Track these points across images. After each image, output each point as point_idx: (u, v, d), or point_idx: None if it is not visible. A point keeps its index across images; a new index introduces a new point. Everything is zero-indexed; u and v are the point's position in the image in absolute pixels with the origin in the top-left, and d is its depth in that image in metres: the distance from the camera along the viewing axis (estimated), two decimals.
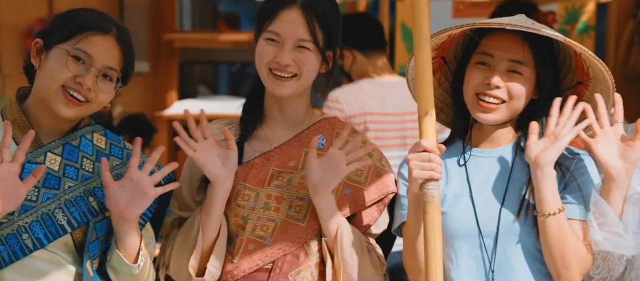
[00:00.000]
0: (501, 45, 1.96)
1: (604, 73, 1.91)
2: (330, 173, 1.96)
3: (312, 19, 2.00)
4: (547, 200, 1.87)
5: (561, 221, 1.87)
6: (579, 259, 1.88)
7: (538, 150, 1.87)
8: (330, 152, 1.97)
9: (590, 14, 4.23)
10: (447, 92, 2.11)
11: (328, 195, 1.99)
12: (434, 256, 1.85)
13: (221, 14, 6.04)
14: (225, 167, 2.00)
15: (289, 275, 2.03)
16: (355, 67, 3.63)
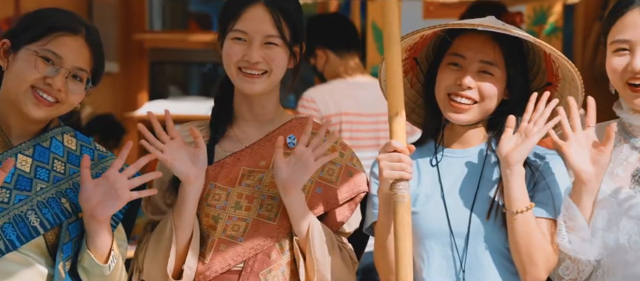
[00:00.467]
0: (472, 46, 1.98)
1: (572, 73, 1.94)
2: (299, 171, 1.97)
3: (277, 14, 2.01)
4: (516, 198, 1.89)
5: (528, 219, 1.90)
6: (545, 256, 1.91)
7: (509, 148, 1.90)
8: (297, 150, 1.98)
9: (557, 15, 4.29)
10: (419, 93, 2.13)
11: (298, 193, 2.00)
12: (404, 255, 1.87)
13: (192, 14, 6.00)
14: (195, 166, 2.00)
15: (260, 274, 2.03)
16: (328, 67, 3.64)
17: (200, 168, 2.01)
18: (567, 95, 2.02)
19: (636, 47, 1.90)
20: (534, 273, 1.91)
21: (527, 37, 1.94)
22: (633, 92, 1.92)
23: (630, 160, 1.95)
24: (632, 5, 1.92)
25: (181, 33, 5.37)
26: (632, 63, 1.90)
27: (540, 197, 1.96)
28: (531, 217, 1.90)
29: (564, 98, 2.03)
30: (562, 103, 2.03)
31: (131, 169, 1.94)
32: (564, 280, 1.95)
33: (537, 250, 1.90)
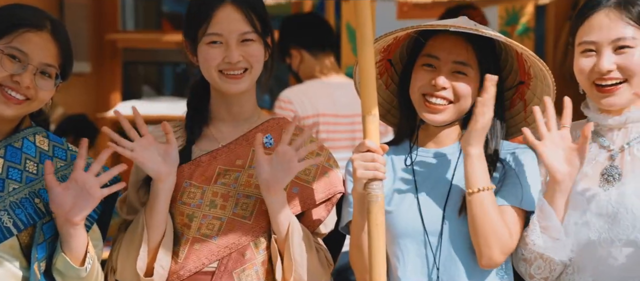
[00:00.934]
0: (445, 46, 2.00)
1: (544, 72, 1.97)
2: (282, 171, 1.97)
3: (247, 10, 2.01)
4: (470, 179, 1.91)
5: (483, 200, 1.91)
6: (499, 239, 1.92)
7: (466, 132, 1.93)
8: (280, 149, 1.98)
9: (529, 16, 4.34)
10: (394, 94, 2.14)
11: (281, 192, 2.00)
12: (378, 254, 1.88)
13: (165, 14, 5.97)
14: (165, 163, 1.99)
15: (233, 273, 2.03)
16: (303, 67, 3.64)
17: (171, 166, 2.00)
18: (540, 93, 2.04)
19: (603, 48, 1.93)
20: (488, 254, 1.92)
21: (499, 37, 1.96)
22: (600, 92, 1.95)
23: (599, 159, 1.98)
24: (598, 7, 1.94)
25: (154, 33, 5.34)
26: (598, 64, 1.93)
27: (507, 188, 1.98)
28: (488, 199, 1.91)
29: (537, 97, 2.06)
30: (535, 102, 2.06)
31: (96, 166, 1.92)
32: (535, 279, 1.97)
33: (491, 232, 1.91)
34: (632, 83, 1.93)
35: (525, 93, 2.07)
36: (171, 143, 2.00)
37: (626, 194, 1.91)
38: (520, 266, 1.99)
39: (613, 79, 1.93)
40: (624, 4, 1.93)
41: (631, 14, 1.92)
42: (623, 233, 1.91)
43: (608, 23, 1.92)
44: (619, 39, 1.92)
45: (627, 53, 1.92)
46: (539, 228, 1.91)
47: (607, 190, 1.94)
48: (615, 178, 1.94)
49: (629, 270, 1.92)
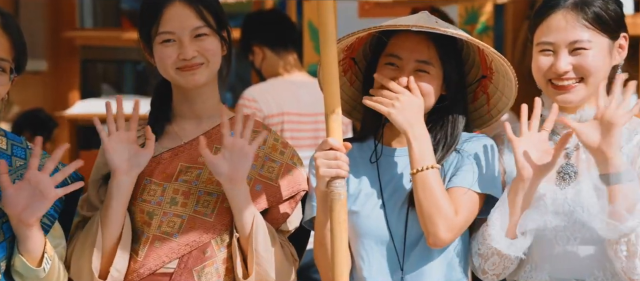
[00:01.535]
0: (407, 46, 2.01)
1: (505, 67, 2.00)
2: (239, 159, 1.96)
3: (197, 5, 2.00)
4: (413, 158, 1.93)
5: (426, 178, 1.92)
6: (443, 216, 1.92)
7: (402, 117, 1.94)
8: (226, 142, 1.96)
9: (488, 14, 4.40)
10: (359, 91, 2.14)
11: (244, 184, 1.98)
12: (340, 252, 1.88)
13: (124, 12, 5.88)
14: (129, 162, 1.98)
15: (193, 270, 2.01)
16: (265, 64, 3.63)
17: (133, 167, 1.98)
18: (502, 87, 2.07)
19: (560, 49, 1.96)
20: (434, 231, 1.93)
21: (461, 35, 1.98)
22: (555, 89, 1.99)
23: None
24: (556, 8, 1.97)
25: (113, 31, 5.26)
26: (555, 65, 1.96)
27: (459, 172, 1.99)
28: (431, 178, 1.92)
29: (500, 91, 2.08)
30: (498, 95, 2.09)
31: (50, 165, 1.88)
32: (488, 275, 1.99)
33: (435, 210, 1.91)
34: (588, 83, 1.97)
35: (488, 87, 2.10)
36: (147, 149, 1.99)
37: (582, 192, 1.94)
38: (475, 261, 2.01)
39: (569, 79, 1.97)
40: (580, 5, 1.96)
41: (587, 16, 1.95)
42: (579, 231, 1.94)
43: (565, 25, 1.95)
44: (575, 41, 1.95)
45: (582, 54, 1.95)
46: (499, 224, 1.93)
47: (563, 189, 1.97)
48: (571, 177, 1.98)
49: (585, 267, 1.96)
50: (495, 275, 2.00)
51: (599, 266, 1.95)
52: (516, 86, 2.02)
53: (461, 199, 1.96)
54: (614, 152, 1.86)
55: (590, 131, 1.87)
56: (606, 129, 1.86)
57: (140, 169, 2.00)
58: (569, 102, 1.98)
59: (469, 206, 1.97)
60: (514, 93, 2.04)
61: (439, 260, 2.00)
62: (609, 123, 1.85)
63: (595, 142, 1.87)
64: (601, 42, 1.97)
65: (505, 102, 2.08)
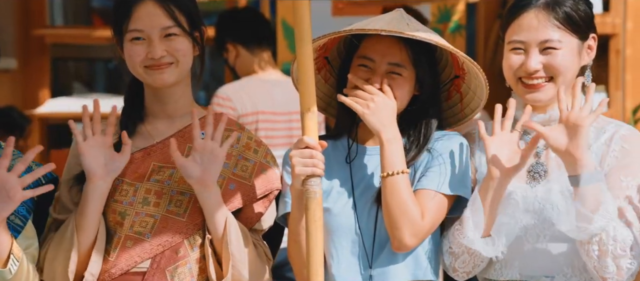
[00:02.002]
0: (379, 48, 2.01)
1: (475, 70, 2.02)
2: (210, 161, 1.95)
3: (168, 4, 1.99)
4: (383, 164, 1.94)
5: (395, 183, 1.93)
6: (409, 221, 1.93)
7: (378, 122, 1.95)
8: (197, 145, 1.96)
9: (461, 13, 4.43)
10: (334, 88, 2.14)
11: (215, 186, 1.98)
12: (315, 250, 1.88)
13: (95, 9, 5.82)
14: (105, 167, 1.96)
15: (166, 270, 2.00)
16: (239, 62, 3.61)
17: (108, 173, 1.97)
18: (474, 88, 2.09)
19: (531, 48, 1.98)
20: (399, 236, 1.94)
21: (430, 40, 1.99)
22: (525, 88, 2.00)
23: None
24: (528, 7, 1.99)
25: (84, 28, 5.21)
26: (526, 64, 1.98)
27: (428, 173, 2.00)
28: (400, 183, 1.93)
29: (472, 91, 2.10)
30: (470, 95, 2.10)
31: (20, 166, 1.86)
32: (459, 272, 2.01)
33: (401, 214, 1.93)
34: (557, 82, 1.99)
35: (461, 86, 2.11)
36: (123, 154, 1.98)
37: (552, 190, 1.96)
38: (446, 259, 2.02)
39: (539, 78, 1.99)
40: (552, 5, 1.98)
41: (558, 16, 1.97)
42: (548, 229, 1.96)
43: (536, 24, 1.97)
44: (546, 41, 1.97)
45: (552, 54, 1.97)
46: (472, 222, 1.95)
47: (533, 187, 1.99)
48: (541, 175, 2.00)
49: (554, 264, 1.98)
50: (465, 273, 2.01)
51: (568, 263, 1.98)
52: (487, 88, 2.04)
53: (428, 202, 1.98)
54: (581, 154, 1.88)
55: (557, 135, 1.89)
56: (573, 132, 1.88)
57: (117, 174, 1.99)
58: (538, 100, 2.00)
59: (436, 209, 1.98)
60: (485, 94, 2.06)
61: (408, 259, 2.00)
62: (575, 125, 1.87)
63: (563, 145, 1.89)
64: (571, 42, 1.99)
65: (477, 102, 2.10)
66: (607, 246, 1.88)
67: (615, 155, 1.97)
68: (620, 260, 1.89)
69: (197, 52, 2.06)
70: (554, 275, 1.98)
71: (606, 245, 1.88)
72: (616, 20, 3.82)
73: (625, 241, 1.89)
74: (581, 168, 1.88)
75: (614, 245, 1.88)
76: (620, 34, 3.82)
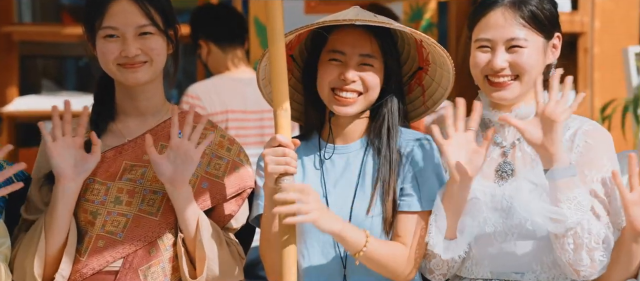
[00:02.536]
0: (350, 41, 2.02)
1: (444, 58, 2.03)
2: (183, 163, 1.94)
3: (143, 2, 1.98)
4: (351, 246, 1.93)
5: (369, 254, 1.94)
6: (402, 264, 1.97)
7: (315, 210, 1.89)
8: (173, 144, 1.95)
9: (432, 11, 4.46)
10: (294, 89, 2.13)
11: (186, 187, 1.97)
12: (288, 248, 1.88)
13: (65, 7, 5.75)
14: (75, 168, 1.94)
15: (139, 270, 1.99)
16: (211, 59, 3.60)
17: (79, 174, 1.95)
18: (439, 78, 2.09)
19: (497, 46, 2.00)
20: (401, 279, 1.98)
21: (404, 29, 2.00)
22: (491, 86, 2.02)
23: (493, 156, 2.05)
24: (495, 6, 2.01)
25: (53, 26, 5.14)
26: (492, 61, 2.00)
27: (407, 193, 2.00)
28: (372, 250, 1.94)
29: (436, 82, 2.10)
30: (434, 86, 2.11)
31: None
32: (435, 274, 2.03)
33: (393, 266, 1.96)
34: (522, 80, 2.01)
35: (423, 79, 2.12)
36: (93, 155, 1.96)
37: (519, 189, 1.98)
38: (421, 262, 2.03)
39: (505, 76, 2.01)
40: (518, 4, 2.00)
41: (524, 15, 1.99)
42: (516, 227, 1.98)
43: (503, 22, 1.99)
44: (512, 39, 1.99)
45: (518, 52, 2.00)
46: (435, 227, 1.96)
47: (501, 186, 2.01)
48: (509, 174, 2.02)
49: (523, 261, 2.00)
50: (441, 275, 2.03)
51: (536, 260, 2.00)
52: (453, 75, 2.05)
53: (416, 227, 1.99)
54: (556, 148, 1.90)
55: (533, 129, 1.91)
56: (547, 126, 1.90)
57: (87, 174, 1.97)
58: (504, 99, 2.02)
59: (420, 229, 1.99)
60: (451, 82, 2.07)
61: None
62: (550, 120, 1.90)
63: (538, 138, 1.91)
64: (536, 40, 2.01)
65: (441, 93, 2.11)
66: (582, 240, 1.91)
67: (580, 150, 2.00)
68: (594, 253, 1.92)
69: (171, 50, 2.05)
70: (524, 272, 2.01)
71: (581, 238, 1.90)
72: (584, 18, 3.87)
73: (599, 235, 1.92)
74: (556, 163, 1.90)
75: (588, 238, 1.90)
76: (588, 33, 3.87)
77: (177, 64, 2.09)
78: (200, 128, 1.97)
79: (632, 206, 1.90)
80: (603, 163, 1.98)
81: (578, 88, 3.91)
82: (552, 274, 2.00)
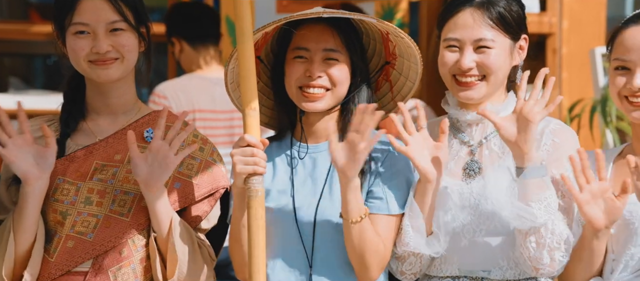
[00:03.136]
0: (313, 37, 2.02)
1: (411, 48, 2.03)
2: (159, 167, 1.93)
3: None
4: (352, 209, 1.93)
5: (364, 227, 1.95)
6: (378, 259, 1.97)
7: (343, 161, 1.91)
8: (154, 145, 1.94)
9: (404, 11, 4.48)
10: (262, 92, 2.13)
11: (161, 189, 1.96)
12: (257, 249, 1.88)
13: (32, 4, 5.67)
14: (38, 166, 1.92)
15: (109, 271, 1.97)
16: (183, 57, 3.59)
17: (44, 170, 1.92)
18: (406, 71, 2.10)
19: (465, 46, 2.02)
20: (367, 275, 1.98)
21: (371, 19, 2.01)
22: (458, 85, 2.04)
23: (461, 155, 2.07)
24: (463, 6, 2.03)
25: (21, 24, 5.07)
26: (460, 61, 2.02)
27: (377, 192, 2.01)
28: (366, 225, 1.95)
29: (403, 75, 2.11)
30: (401, 80, 2.11)
31: None
32: (407, 275, 2.04)
33: (370, 255, 1.95)
34: (489, 81, 2.03)
35: (391, 74, 2.13)
36: (49, 147, 1.93)
37: (487, 186, 2.00)
38: (392, 264, 2.04)
39: (472, 76, 2.03)
40: (487, 5, 2.02)
41: (492, 16, 2.01)
42: (484, 223, 2.01)
43: (472, 23, 2.01)
44: (480, 40, 2.01)
45: (485, 52, 2.02)
46: (411, 228, 1.97)
47: (469, 184, 2.03)
48: (476, 172, 2.04)
49: (491, 258, 2.02)
50: (413, 275, 2.04)
51: (503, 256, 2.02)
52: (421, 65, 2.06)
53: (384, 229, 1.99)
54: (529, 148, 1.93)
55: (508, 125, 1.93)
56: (523, 125, 1.92)
57: (51, 168, 1.94)
58: (470, 98, 2.04)
59: (391, 230, 2.00)
60: (420, 73, 2.07)
61: (347, 259, 2.00)
62: (526, 119, 1.92)
63: (513, 136, 1.93)
64: (503, 42, 2.04)
65: (409, 86, 2.12)
66: (545, 239, 1.93)
67: (547, 149, 2.02)
68: (554, 252, 1.95)
69: (143, 48, 2.03)
70: (491, 269, 2.03)
71: (544, 238, 1.93)
72: (552, 19, 3.92)
73: (561, 235, 1.95)
74: (527, 162, 1.92)
75: (551, 238, 1.93)
76: (556, 33, 3.92)
77: (149, 61, 2.07)
78: (183, 135, 1.95)
79: (585, 205, 1.93)
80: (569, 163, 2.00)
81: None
82: (519, 270, 2.02)
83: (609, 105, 3.70)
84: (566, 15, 3.92)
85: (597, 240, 1.96)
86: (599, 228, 1.94)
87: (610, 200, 1.93)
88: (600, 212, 1.93)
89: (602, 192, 1.93)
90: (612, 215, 1.94)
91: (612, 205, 1.93)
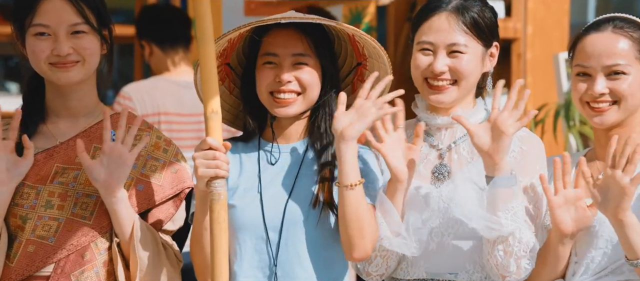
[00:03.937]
0: (281, 42, 2.02)
1: (378, 50, 2.04)
2: (118, 167, 1.92)
3: (76, 1, 1.94)
4: (349, 173, 1.94)
5: (359, 193, 1.95)
6: (371, 229, 1.96)
7: (345, 124, 1.93)
8: (106, 148, 1.92)
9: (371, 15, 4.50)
10: (239, 99, 2.13)
11: (121, 191, 1.94)
12: (219, 252, 1.87)
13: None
14: (8, 173, 1.91)
15: (71, 275, 1.95)
16: (153, 60, 3.58)
17: (12, 178, 1.91)
18: (377, 70, 2.09)
19: (439, 50, 2.04)
20: (362, 246, 1.95)
21: (330, 22, 2.02)
22: (430, 89, 2.06)
23: (430, 158, 2.09)
24: (439, 10, 2.04)
25: None
26: (433, 65, 2.04)
27: None
28: (362, 192, 1.95)
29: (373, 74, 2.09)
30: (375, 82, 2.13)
31: None
32: (373, 276, 2.05)
33: (366, 223, 1.94)
34: (460, 85, 2.05)
35: (364, 74, 2.13)
36: (26, 159, 1.92)
37: (456, 189, 2.01)
38: (359, 263, 2.05)
39: (444, 80, 2.04)
40: (461, 10, 2.04)
41: (466, 21, 2.03)
42: (452, 227, 2.02)
43: (446, 27, 2.03)
44: (453, 44, 2.03)
45: (458, 57, 2.03)
46: (385, 224, 1.98)
47: (438, 187, 2.05)
48: (445, 176, 2.05)
49: (458, 261, 2.04)
50: (379, 275, 2.05)
51: (470, 259, 2.04)
52: (390, 65, 2.06)
53: None
54: (500, 159, 1.94)
55: (482, 134, 1.95)
56: (496, 135, 1.94)
57: (20, 178, 1.93)
58: (441, 102, 2.06)
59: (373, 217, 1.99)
60: (389, 73, 2.05)
61: (314, 253, 2.01)
62: (500, 131, 1.93)
63: (485, 145, 1.95)
64: (476, 48, 2.05)
65: (381, 86, 2.11)
66: (513, 248, 1.95)
67: (514, 156, 2.04)
68: (521, 261, 1.96)
69: (105, 50, 2.01)
70: (458, 272, 2.04)
71: (512, 247, 1.95)
72: (517, 24, 3.98)
73: (528, 244, 1.96)
74: (498, 172, 1.94)
75: (518, 247, 1.95)
76: (521, 38, 3.98)
77: (111, 64, 2.05)
78: (134, 131, 1.93)
79: (557, 209, 1.95)
80: (536, 170, 2.03)
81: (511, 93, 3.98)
82: (485, 273, 2.04)
83: (572, 110, 3.76)
84: (531, 20, 3.98)
85: (562, 246, 1.98)
86: (565, 234, 1.96)
87: (581, 208, 1.96)
88: (570, 219, 1.95)
89: (575, 199, 1.95)
90: (580, 223, 1.96)
91: (583, 214, 1.96)
